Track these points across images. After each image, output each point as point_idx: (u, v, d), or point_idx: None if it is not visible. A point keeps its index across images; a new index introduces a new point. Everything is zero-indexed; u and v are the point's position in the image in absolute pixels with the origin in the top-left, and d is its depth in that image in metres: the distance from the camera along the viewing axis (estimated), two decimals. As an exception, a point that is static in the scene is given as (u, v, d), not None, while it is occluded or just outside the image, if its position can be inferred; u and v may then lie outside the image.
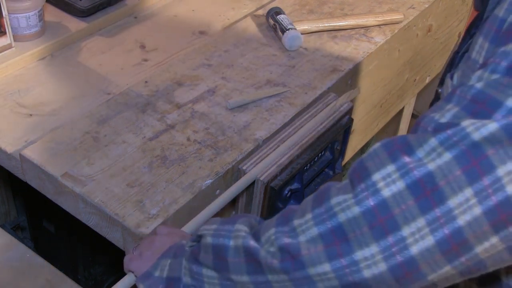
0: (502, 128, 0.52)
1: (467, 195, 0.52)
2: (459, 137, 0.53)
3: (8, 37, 1.10)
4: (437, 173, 0.53)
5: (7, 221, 1.44)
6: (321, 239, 0.58)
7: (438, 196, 0.53)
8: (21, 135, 0.96)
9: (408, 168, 0.55)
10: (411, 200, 0.54)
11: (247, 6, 1.34)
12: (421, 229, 0.54)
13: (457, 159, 0.53)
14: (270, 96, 1.06)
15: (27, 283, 0.98)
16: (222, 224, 0.67)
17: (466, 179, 0.52)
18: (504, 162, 0.52)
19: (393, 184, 0.55)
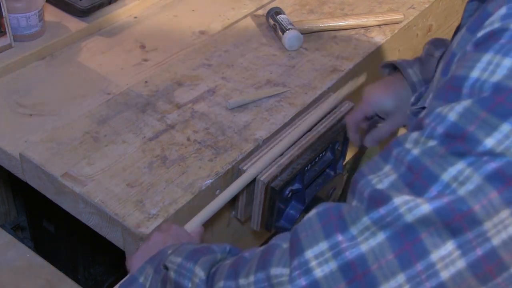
0: (434, 211, 0.50)
1: (400, 281, 0.51)
2: (392, 218, 0.51)
3: (8, 37, 1.10)
4: (369, 256, 0.52)
5: (7, 221, 1.44)
6: None
7: (370, 280, 0.52)
8: (21, 135, 0.96)
9: (340, 248, 0.53)
10: (342, 284, 0.52)
11: (247, 6, 1.34)
12: None
13: (390, 242, 0.51)
14: (270, 96, 1.06)
15: (27, 283, 0.98)
16: (186, 260, 0.66)
17: (399, 264, 0.51)
18: (438, 246, 0.50)
19: (326, 264, 0.53)
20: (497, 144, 0.49)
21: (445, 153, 0.51)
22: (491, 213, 0.49)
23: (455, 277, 0.51)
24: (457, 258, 0.50)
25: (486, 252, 0.50)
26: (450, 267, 0.51)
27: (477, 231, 0.50)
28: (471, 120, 0.50)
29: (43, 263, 1.02)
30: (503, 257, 0.50)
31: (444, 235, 0.50)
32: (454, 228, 0.50)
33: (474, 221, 0.49)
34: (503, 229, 0.49)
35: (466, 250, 0.50)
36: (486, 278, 0.51)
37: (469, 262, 0.50)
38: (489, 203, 0.49)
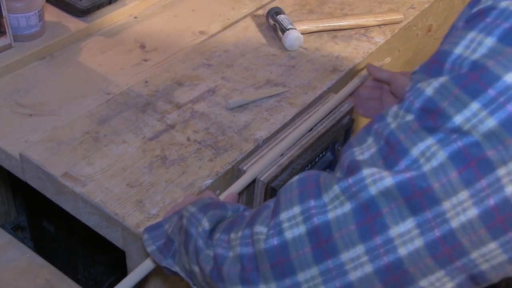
0: (396, 185, 0.51)
1: (359, 252, 0.52)
2: (357, 188, 0.53)
3: (8, 37, 1.10)
4: (333, 224, 0.53)
5: (7, 221, 1.44)
6: (240, 262, 0.60)
7: (332, 247, 0.53)
8: (21, 135, 0.96)
9: (310, 213, 0.55)
10: (308, 247, 0.55)
11: (247, 6, 1.34)
12: (314, 277, 0.54)
13: (354, 213, 0.53)
14: (270, 96, 1.06)
15: (27, 283, 0.98)
16: (198, 211, 0.69)
17: (359, 236, 0.52)
18: (397, 223, 0.51)
19: (296, 227, 0.55)
20: (465, 121, 0.49)
21: (417, 127, 0.52)
22: (450, 193, 0.49)
23: (413, 254, 0.51)
24: (416, 237, 0.51)
25: (444, 234, 0.50)
26: (408, 244, 0.51)
27: (436, 211, 0.50)
28: (445, 96, 0.51)
29: (43, 263, 1.02)
30: (461, 241, 0.50)
31: (404, 212, 0.51)
32: (414, 205, 0.50)
33: (433, 199, 0.50)
34: (461, 212, 0.49)
35: (425, 229, 0.51)
36: (444, 260, 0.51)
37: (426, 242, 0.51)
38: (448, 183, 0.49)
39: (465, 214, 0.49)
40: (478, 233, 0.50)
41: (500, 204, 0.48)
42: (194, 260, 0.66)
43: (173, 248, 0.72)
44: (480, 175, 0.49)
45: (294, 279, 0.55)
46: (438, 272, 0.52)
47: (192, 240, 0.67)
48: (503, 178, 0.48)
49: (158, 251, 0.73)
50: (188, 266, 0.69)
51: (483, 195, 0.49)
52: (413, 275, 0.52)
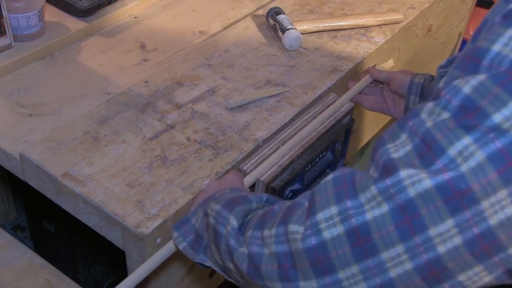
0: (435, 187, 0.51)
1: (399, 251, 0.53)
2: (396, 189, 0.53)
3: (8, 37, 1.10)
4: (372, 225, 0.54)
5: (7, 221, 1.44)
6: (277, 260, 0.61)
7: (371, 247, 0.54)
8: (21, 135, 0.96)
9: (348, 214, 0.56)
10: (347, 247, 0.56)
11: (247, 6, 1.34)
12: (355, 275, 0.56)
13: (392, 214, 0.53)
14: (270, 96, 1.06)
15: (27, 283, 0.98)
16: (223, 209, 0.71)
17: (398, 236, 0.53)
18: (436, 223, 0.52)
19: (334, 227, 0.56)
20: (504, 120, 0.49)
21: (454, 126, 0.52)
22: (489, 193, 0.50)
23: (452, 252, 0.52)
24: (455, 235, 0.52)
25: (482, 231, 0.51)
26: (447, 243, 0.52)
27: (475, 210, 0.50)
28: (484, 94, 0.50)
29: (43, 263, 1.02)
30: (500, 237, 0.51)
31: (443, 213, 0.51)
32: (453, 206, 0.51)
33: (473, 200, 0.50)
34: (500, 210, 0.50)
35: (464, 228, 0.51)
36: (482, 256, 0.52)
37: (465, 239, 0.51)
38: (488, 183, 0.50)
39: (504, 212, 0.50)
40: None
41: None
42: (228, 258, 0.68)
43: (203, 243, 0.74)
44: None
45: (334, 277, 0.56)
46: (477, 267, 0.53)
47: (223, 239, 0.68)
48: None
49: (190, 247, 0.75)
50: (221, 262, 0.71)
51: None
52: (452, 270, 0.53)
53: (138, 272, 0.79)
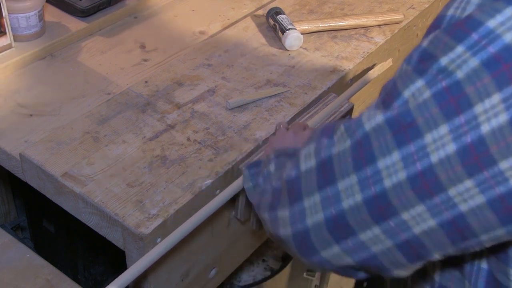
0: (385, 120, 0.55)
1: (353, 181, 0.57)
2: (355, 126, 0.59)
3: (8, 37, 1.10)
4: (335, 157, 0.59)
5: (7, 221, 1.44)
6: (271, 193, 0.68)
7: (332, 177, 0.59)
8: (21, 135, 0.96)
9: (320, 149, 0.62)
10: (315, 177, 0.61)
11: (247, 6, 1.34)
12: (316, 203, 0.60)
13: (351, 147, 0.58)
14: (270, 96, 1.06)
15: (27, 283, 0.98)
16: (275, 157, 0.76)
17: (353, 167, 0.57)
18: (384, 155, 0.55)
19: (308, 160, 0.62)
20: (450, 62, 0.52)
21: (411, 72, 0.56)
22: (431, 127, 0.52)
23: (396, 187, 0.54)
24: (400, 170, 0.54)
25: (424, 168, 0.53)
26: (393, 177, 0.54)
27: (418, 144, 0.53)
28: (436, 44, 0.54)
29: (43, 263, 1.02)
30: (439, 175, 0.52)
31: (390, 146, 0.54)
32: (399, 139, 0.54)
33: (416, 132, 0.53)
34: (441, 147, 0.52)
35: (408, 163, 0.53)
36: (423, 194, 0.53)
37: (409, 175, 0.54)
38: (430, 117, 0.52)
39: (444, 149, 0.52)
40: (455, 170, 0.52)
41: (476, 142, 0.50)
42: None
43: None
44: (459, 111, 0.51)
45: (301, 205, 0.61)
46: (419, 206, 0.54)
47: (259, 179, 0.76)
48: (480, 116, 0.50)
49: (253, 189, 0.81)
50: None
51: (461, 131, 0.51)
52: (396, 207, 0.55)
53: (136, 266, 0.79)
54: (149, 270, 0.84)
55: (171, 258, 0.88)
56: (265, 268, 1.60)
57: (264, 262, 1.61)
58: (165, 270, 0.89)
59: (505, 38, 0.49)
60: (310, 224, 0.61)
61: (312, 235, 0.61)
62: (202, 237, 0.93)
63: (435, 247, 0.56)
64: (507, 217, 0.52)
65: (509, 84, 0.49)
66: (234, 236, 1.03)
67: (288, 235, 0.63)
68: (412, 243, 0.56)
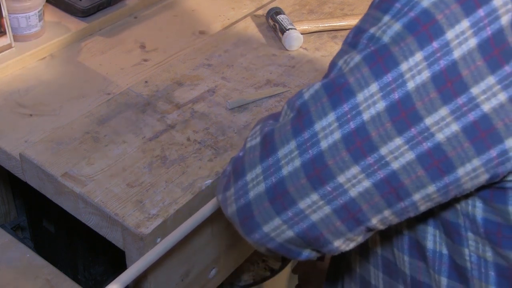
0: (322, 85, 0.57)
1: (291, 147, 0.58)
2: (295, 98, 0.60)
3: (8, 37, 1.10)
4: (276, 131, 0.59)
5: (7, 221, 1.44)
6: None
7: (272, 147, 0.59)
8: (21, 135, 0.96)
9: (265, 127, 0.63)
10: (258, 151, 0.61)
11: (247, 6, 1.34)
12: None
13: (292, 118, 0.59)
14: (270, 96, 1.06)
15: (27, 283, 0.98)
16: None
17: (292, 133, 0.58)
18: (320, 117, 0.57)
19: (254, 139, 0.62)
20: (377, 29, 0.55)
21: (346, 47, 0.59)
22: (363, 86, 0.54)
23: (332, 148, 0.56)
24: (334, 130, 0.55)
25: (356, 127, 0.54)
26: (328, 138, 0.56)
27: (351, 103, 0.55)
28: (367, 20, 0.58)
29: (43, 263, 1.02)
30: (371, 134, 0.54)
31: (326, 108, 0.56)
32: (334, 99, 0.56)
33: (349, 92, 0.55)
34: (372, 105, 0.54)
35: (342, 122, 0.55)
36: (357, 154, 0.55)
37: (343, 135, 0.55)
38: (361, 76, 0.54)
39: (375, 107, 0.54)
40: (385, 127, 0.53)
41: (403, 99, 0.53)
42: None
43: None
44: (386, 69, 0.53)
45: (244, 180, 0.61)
46: (354, 168, 0.55)
47: None
48: (405, 74, 0.53)
49: None
50: None
51: (389, 89, 0.53)
52: (332, 170, 0.56)
53: (136, 266, 0.79)
54: (149, 270, 0.84)
55: (171, 258, 0.88)
56: (265, 268, 1.60)
57: (264, 262, 1.61)
58: (165, 270, 0.89)
59: (423, 4, 0.53)
60: (252, 197, 0.60)
61: (254, 209, 0.60)
62: (202, 237, 0.93)
63: (372, 210, 0.57)
64: (435, 172, 0.54)
65: (429, 43, 0.52)
66: (234, 236, 1.03)
67: (233, 212, 0.62)
68: (349, 207, 0.57)
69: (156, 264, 0.83)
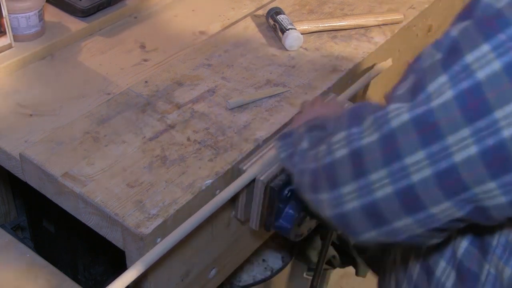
0: (411, 120, 0.58)
1: (382, 175, 0.60)
2: (382, 120, 0.61)
3: (8, 37, 1.10)
4: (365, 149, 0.62)
5: (7, 221, 1.44)
6: (311, 175, 0.70)
7: (362, 169, 0.62)
8: (21, 135, 0.96)
9: (351, 138, 0.64)
10: (350, 166, 0.63)
11: (247, 6, 1.34)
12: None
13: (379, 141, 0.61)
14: (270, 96, 1.06)
15: (27, 283, 0.98)
16: (305, 131, 0.80)
17: (383, 161, 0.60)
18: (411, 153, 0.58)
19: (342, 149, 0.65)
20: (474, 61, 0.54)
21: (438, 64, 0.58)
22: (453, 130, 0.55)
23: (422, 182, 0.58)
24: (425, 167, 0.58)
25: (447, 167, 0.56)
26: (419, 173, 0.58)
27: (441, 145, 0.56)
28: (466, 36, 0.56)
29: (43, 263, 1.02)
30: (462, 176, 0.56)
31: (416, 145, 0.57)
32: (424, 138, 0.57)
33: (439, 135, 0.56)
34: (463, 148, 0.55)
35: (433, 161, 0.57)
36: (450, 191, 0.57)
37: (434, 172, 0.57)
38: (452, 120, 0.55)
39: (467, 151, 0.55)
40: (477, 171, 0.55)
41: (497, 145, 0.53)
42: (295, 172, 0.77)
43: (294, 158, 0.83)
44: (478, 116, 0.54)
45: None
46: (446, 202, 0.58)
47: (295, 156, 0.78)
48: (500, 121, 0.53)
49: (288, 159, 0.82)
50: None
51: (482, 134, 0.54)
52: (424, 201, 0.59)
53: (136, 266, 0.79)
54: (149, 270, 0.84)
55: (171, 258, 0.88)
56: (265, 268, 1.60)
57: (264, 262, 1.61)
58: (165, 270, 0.89)
59: None
60: (347, 210, 0.64)
61: (351, 219, 0.65)
62: (202, 237, 0.93)
63: None
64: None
65: None
66: (234, 236, 1.03)
67: (331, 216, 0.67)
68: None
69: (156, 264, 0.83)
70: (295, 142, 0.82)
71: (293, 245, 1.62)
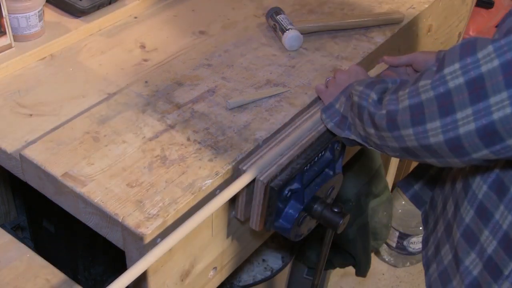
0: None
1: (503, 97, 0.67)
2: (508, 47, 0.67)
3: (8, 37, 1.10)
4: (486, 76, 0.68)
5: (7, 221, 1.44)
6: (408, 110, 0.77)
7: (484, 93, 0.68)
8: (21, 135, 0.96)
9: (467, 68, 0.69)
10: (466, 93, 0.70)
11: (247, 6, 1.34)
12: (468, 116, 0.70)
13: (502, 67, 0.66)
14: (270, 96, 1.06)
15: (27, 283, 0.98)
16: (365, 88, 0.87)
17: (505, 84, 0.66)
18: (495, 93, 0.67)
19: (456, 78, 0.70)
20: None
21: None
22: None
23: (503, 119, 0.67)
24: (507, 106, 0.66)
25: None
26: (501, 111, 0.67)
27: None
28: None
29: (43, 263, 1.02)
30: None
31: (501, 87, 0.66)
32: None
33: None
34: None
35: None
36: None
37: None
38: None
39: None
40: None
41: None
42: (370, 124, 0.84)
43: (347, 122, 0.91)
44: None
45: (453, 117, 0.71)
46: None
47: (366, 110, 0.84)
48: None
49: (337, 126, 0.93)
50: (363, 132, 0.87)
51: None
52: (503, 134, 0.68)
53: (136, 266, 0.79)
54: (149, 270, 0.84)
55: (171, 258, 0.88)
56: (265, 268, 1.60)
57: (264, 262, 1.61)
58: (165, 270, 0.89)
59: None
60: (463, 133, 0.71)
61: (465, 141, 0.72)
62: (202, 237, 0.93)
63: None
64: None
65: None
66: (234, 236, 1.03)
67: (440, 142, 0.73)
68: None
69: (156, 264, 0.83)
70: (343, 111, 0.90)
71: (293, 245, 1.62)
